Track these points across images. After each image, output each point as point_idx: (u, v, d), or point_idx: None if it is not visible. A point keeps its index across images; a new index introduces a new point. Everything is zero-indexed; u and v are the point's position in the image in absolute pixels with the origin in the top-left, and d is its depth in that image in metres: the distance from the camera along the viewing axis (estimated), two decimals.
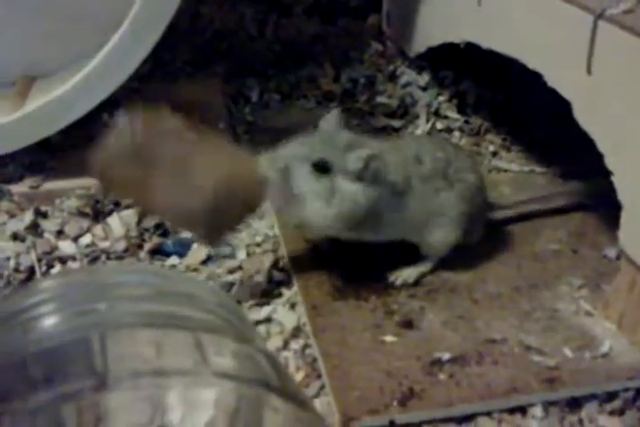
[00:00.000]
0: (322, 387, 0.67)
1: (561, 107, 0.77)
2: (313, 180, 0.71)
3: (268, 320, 0.76)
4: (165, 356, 0.38)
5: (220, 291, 0.49)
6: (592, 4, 0.73)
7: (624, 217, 0.71)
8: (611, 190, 0.71)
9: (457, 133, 1.13)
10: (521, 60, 0.84)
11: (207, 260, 0.86)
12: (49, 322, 0.41)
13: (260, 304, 0.78)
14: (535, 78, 0.82)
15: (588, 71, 0.73)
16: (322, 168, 0.71)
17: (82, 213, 0.92)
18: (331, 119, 0.77)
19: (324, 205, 0.72)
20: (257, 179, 0.69)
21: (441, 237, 0.78)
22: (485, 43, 0.94)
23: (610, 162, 0.72)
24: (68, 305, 0.42)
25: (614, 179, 0.71)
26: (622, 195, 0.70)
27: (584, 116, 0.75)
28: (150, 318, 0.40)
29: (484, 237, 0.85)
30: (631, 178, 0.69)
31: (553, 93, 0.79)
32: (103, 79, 0.93)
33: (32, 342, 0.39)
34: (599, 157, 0.72)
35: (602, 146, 0.72)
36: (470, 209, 0.79)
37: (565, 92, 0.77)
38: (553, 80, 0.79)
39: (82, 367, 0.36)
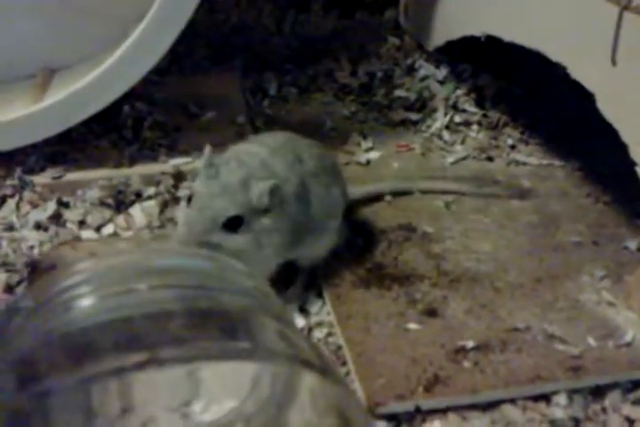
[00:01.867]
0: (347, 374, 0.67)
1: (579, 100, 0.77)
2: (233, 238, 0.67)
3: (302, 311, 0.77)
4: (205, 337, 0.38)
5: (256, 275, 0.49)
6: None
7: None
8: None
9: (475, 127, 1.14)
10: (544, 53, 0.85)
11: None
12: (88, 302, 0.42)
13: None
14: (554, 71, 0.82)
15: (613, 62, 0.73)
16: (234, 224, 0.67)
17: (104, 204, 0.93)
18: (208, 159, 0.73)
19: (260, 252, 0.69)
20: None
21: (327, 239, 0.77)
22: (507, 36, 0.94)
23: (634, 152, 0.72)
24: (106, 287, 0.43)
25: (638, 169, 0.71)
26: None
27: (608, 108, 0.75)
28: (190, 302, 0.40)
29: (505, 228, 0.85)
30: None
31: (571, 87, 0.79)
32: (123, 73, 0.94)
33: (73, 320, 0.40)
34: (617, 151, 0.72)
35: (626, 137, 0.73)
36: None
37: (589, 83, 0.77)
38: (576, 72, 0.79)
39: (126, 344, 0.37)
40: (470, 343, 0.69)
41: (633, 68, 0.71)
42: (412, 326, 0.71)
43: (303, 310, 0.76)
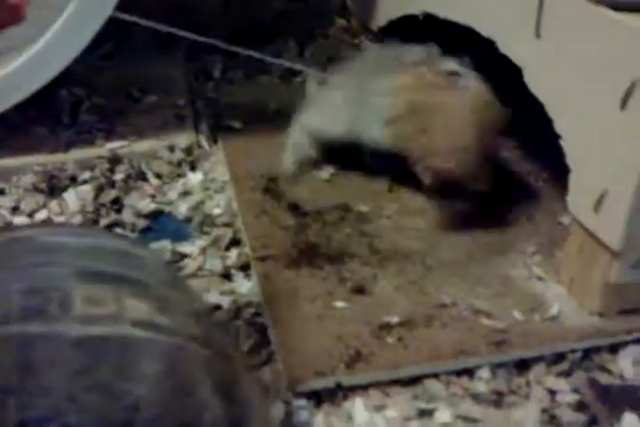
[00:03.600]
0: (271, 353, 0.67)
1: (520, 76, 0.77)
2: None
3: (230, 292, 0.76)
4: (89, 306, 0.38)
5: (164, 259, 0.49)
6: None
7: (572, 181, 0.71)
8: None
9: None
10: (475, 29, 0.84)
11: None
12: None
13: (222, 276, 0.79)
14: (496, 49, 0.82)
15: (537, 35, 0.73)
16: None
17: (38, 189, 0.91)
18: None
19: None
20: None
21: None
22: (442, 13, 0.94)
23: (558, 126, 0.72)
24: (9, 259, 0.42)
25: (563, 143, 0.71)
26: (570, 159, 0.71)
27: (534, 82, 0.75)
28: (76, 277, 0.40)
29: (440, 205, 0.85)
30: (578, 142, 0.69)
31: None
32: (52, 57, 0.93)
33: None
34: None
35: (551, 110, 0.73)
36: None
37: (516, 57, 0.77)
38: (505, 46, 0.79)
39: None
40: (395, 319, 0.69)
41: (557, 41, 0.71)
42: (340, 304, 0.71)
43: (232, 292, 0.76)
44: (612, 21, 0.63)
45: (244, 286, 0.77)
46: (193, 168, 0.98)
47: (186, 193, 0.94)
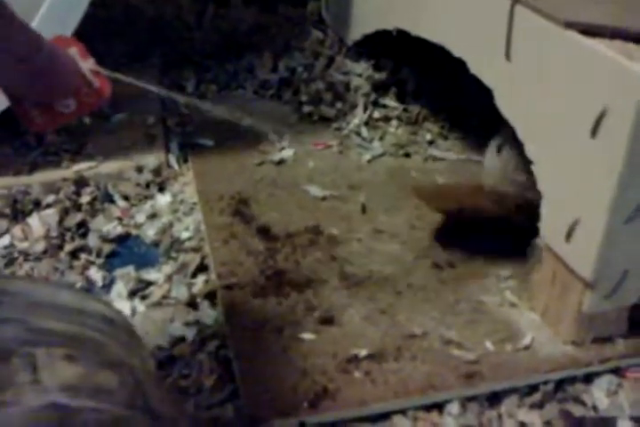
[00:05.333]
0: (235, 390, 0.65)
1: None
2: None
3: (195, 322, 0.74)
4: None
5: (110, 304, 0.47)
6: None
7: (544, 207, 0.69)
8: None
9: (395, 122, 1.11)
10: (447, 48, 0.82)
11: None
12: None
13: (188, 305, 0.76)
14: None
15: (507, 57, 0.71)
16: None
17: (1, 214, 0.89)
18: None
19: None
20: None
21: None
22: (414, 30, 0.92)
23: (529, 150, 0.70)
24: None
25: (534, 168, 0.70)
26: (542, 185, 0.69)
27: (505, 104, 0.73)
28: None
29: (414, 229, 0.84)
30: (549, 168, 0.68)
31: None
32: None
33: None
34: None
35: (522, 134, 0.71)
36: None
37: (487, 79, 0.75)
38: (475, 67, 0.77)
39: None
40: (363, 352, 0.67)
41: (527, 65, 0.69)
42: (307, 335, 0.69)
43: (197, 322, 0.74)
44: (582, 47, 0.61)
45: (210, 315, 0.74)
46: (161, 189, 0.96)
47: (154, 215, 0.92)
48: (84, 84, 0.60)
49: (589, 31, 0.62)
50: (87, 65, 0.61)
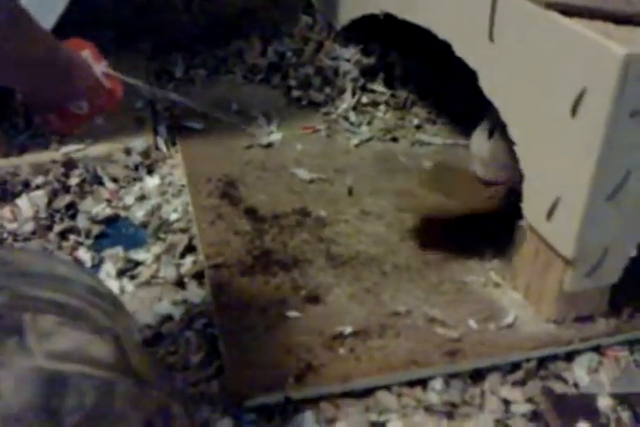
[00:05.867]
0: (220, 366, 0.66)
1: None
2: None
3: (183, 301, 0.75)
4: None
5: (95, 276, 0.47)
6: None
7: (526, 187, 0.70)
8: None
9: (382, 107, 1.12)
10: (432, 31, 0.83)
11: None
12: None
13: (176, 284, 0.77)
14: None
15: (490, 39, 0.72)
16: None
17: None
18: None
19: None
20: None
21: None
22: (400, 14, 0.92)
23: (512, 132, 0.71)
24: None
25: (517, 149, 0.70)
26: (524, 165, 0.70)
27: (488, 86, 0.74)
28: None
29: (402, 211, 0.85)
30: (531, 148, 0.69)
31: None
32: None
33: None
34: None
35: (505, 116, 0.72)
36: None
37: (471, 61, 0.76)
38: (460, 50, 0.78)
39: None
40: (348, 329, 0.68)
41: (508, 45, 0.70)
42: (293, 313, 0.70)
43: (185, 302, 0.74)
44: (562, 27, 0.62)
45: (198, 294, 0.75)
46: (150, 172, 0.97)
47: (142, 197, 0.93)
48: (96, 86, 0.62)
49: (569, 11, 0.63)
50: (100, 68, 0.63)
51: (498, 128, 0.79)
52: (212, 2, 1.35)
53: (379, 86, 1.16)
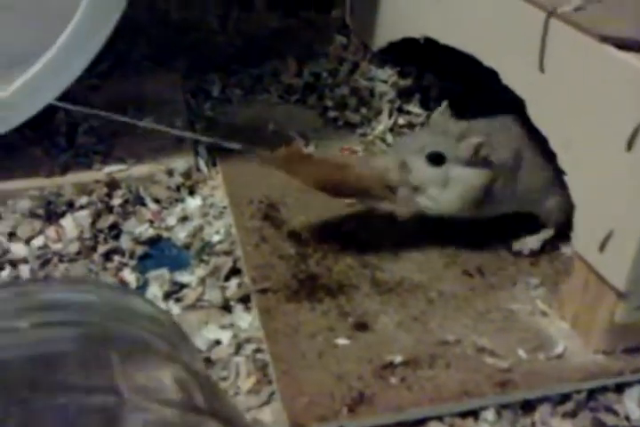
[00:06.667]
0: (272, 393, 0.66)
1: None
2: (429, 170, 0.77)
3: (230, 326, 0.75)
4: (91, 378, 0.37)
5: (155, 304, 0.48)
6: (544, 0, 0.72)
7: (577, 217, 0.70)
8: None
9: (419, 129, 1.12)
10: (477, 57, 0.83)
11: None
12: None
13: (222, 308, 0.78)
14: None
15: (541, 69, 0.72)
16: (436, 159, 0.77)
17: (34, 215, 0.90)
18: (443, 111, 0.84)
19: (442, 192, 0.78)
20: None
21: (560, 203, 0.81)
22: (443, 38, 0.93)
23: (563, 161, 0.71)
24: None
25: (567, 178, 0.71)
26: (575, 196, 0.70)
27: (537, 115, 0.74)
28: (79, 340, 0.38)
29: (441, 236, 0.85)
30: (583, 179, 0.69)
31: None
32: (51, 79, 0.91)
33: None
34: None
35: (555, 145, 0.72)
36: None
37: (519, 89, 0.76)
38: (507, 77, 0.78)
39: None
40: (399, 358, 0.68)
41: (560, 76, 0.70)
42: (342, 341, 0.70)
43: (232, 326, 0.75)
44: (617, 61, 0.62)
45: (244, 319, 0.76)
46: (191, 193, 0.97)
47: (184, 219, 0.93)
48: None
49: (624, 45, 0.63)
50: None
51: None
52: (248, 22, 1.36)
53: (415, 108, 1.16)
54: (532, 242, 0.84)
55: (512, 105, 0.83)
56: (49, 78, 0.91)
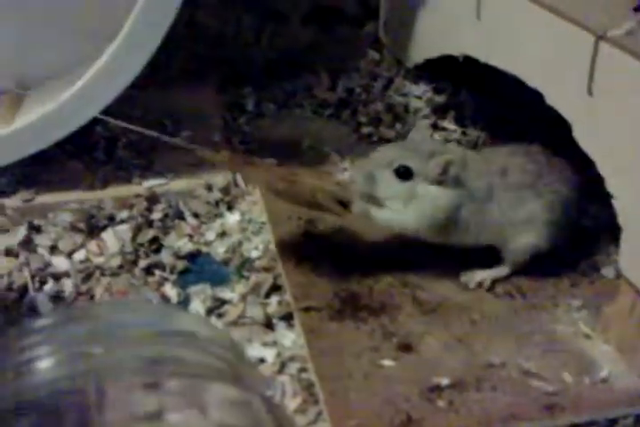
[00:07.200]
0: (319, 413, 0.66)
1: (559, 119, 0.77)
2: (395, 184, 0.77)
3: (273, 343, 0.76)
4: (165, 407, 0.37)
5: (216, 326, 0.48)
6: (594, 23, 0.73)
7: (624, 241, 0.70)
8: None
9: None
10: (520, 78, 0.84)
11: None
12: (42, 366, 0.40)
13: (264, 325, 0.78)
14: (533, 90, 0.81)
15: (589, 92, 0.72)
16: (403, 174, 0.76)
17: (75, 228, 0.91)
18: (420, 130, 0.87)
19: (405, 207, 0.78)
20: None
21: (524, 243, 0.80)
22: (484, 57, 0.93)
23: (610, 185, 0.71)
24: (63, 348, 0.41)
25: (615, 202, 0.71)
26: (623, 218, 0.70)
27: (584, 138, 0.74)
28: (149, 365, 0.39)
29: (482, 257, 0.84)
30: (632, 202, 0.69)
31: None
32: (97, 93, 0.92)
33: (25, 389, 0.38)
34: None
35: (602, 169, 0.72)
36: (558, 219, 0.81)
37: (565, 112, 0.76)
38: (553, 99, 0.78)
39: (75, 420, 0.35)
40: (445, 381, 0.68)
41: (608, 99, 0.71)
42: (387, 362, 0.70)
43: (275, 344, 0.75)
44: None
45: (288, 337, 0.76)
46: (230, 208, 0.98)
47: (223, 234, 0.94)
48: None
49: None
50: None
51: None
52: (281, 37, 1.37)
53: (449, 124, 1.16)
54: (481, 276, 0.82)
55: (550, 124, 0.84)
56: (94, 92, 0.92)
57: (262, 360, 0.73)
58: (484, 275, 0.82)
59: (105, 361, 0.40)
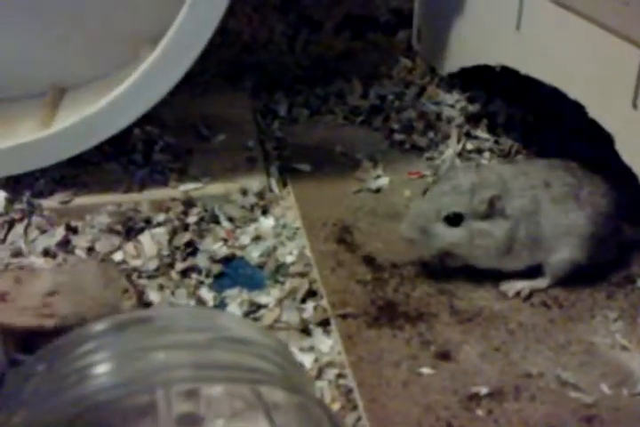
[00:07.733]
0: (358, 419, 0.67)
1: (593, 128, 0.77)
2: (450, 232, 0.79)
3: (310, 349, 0.76)
4: (222, 412, 0.37)
5: (270, 333, 0.49)
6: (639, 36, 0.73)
7: None
8: None
9: (487, 154, 1.13)
10: (561, 90, 0.84)
11: None
12: (103, 371, 0.41)
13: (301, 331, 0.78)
14: (567, 99, 0.82)
15: (634, 106, 0.73)
16: (454, 220, 0.79)
17: (113, 230, 0.92)
18: (450, 162, 0.92)
19: (469, 250, 0.80)
20: None
21: (565, 256, 0.81)
22: (523, 68, 0.93)
23: None
24: (123, 353, 0.42)
25: None
26: None
27: (626, 151, 0.74)
28: (210, 371, 0.39)
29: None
30: None
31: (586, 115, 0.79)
32: (137, 98, 0.93)
33: (86, 395, 0.39)
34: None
35: None
36: (599, 232, 0.81)
37: (608, 125, 0.77)
38: (595, 112, 0.78)
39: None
40: (484, 390, 0.68)
41: None
42: (426, 370, 0.71)
43: (313, 349, 0.76)
44: None
45: (325, 343, 0.76)
46: (264, 213, 0.98)
47: (258, 238, 0.94)
48: None
49: None
50: None
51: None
52: (315, 43, 1.38)
53: (482, 133, 1.17)
54: (521, 286, 0.82)
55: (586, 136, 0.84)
56: (135, 97, 0.93)
57: (300, 366, 0.74)
58: (524, 285, 0.82)
59: (161, 367, 0.40)
